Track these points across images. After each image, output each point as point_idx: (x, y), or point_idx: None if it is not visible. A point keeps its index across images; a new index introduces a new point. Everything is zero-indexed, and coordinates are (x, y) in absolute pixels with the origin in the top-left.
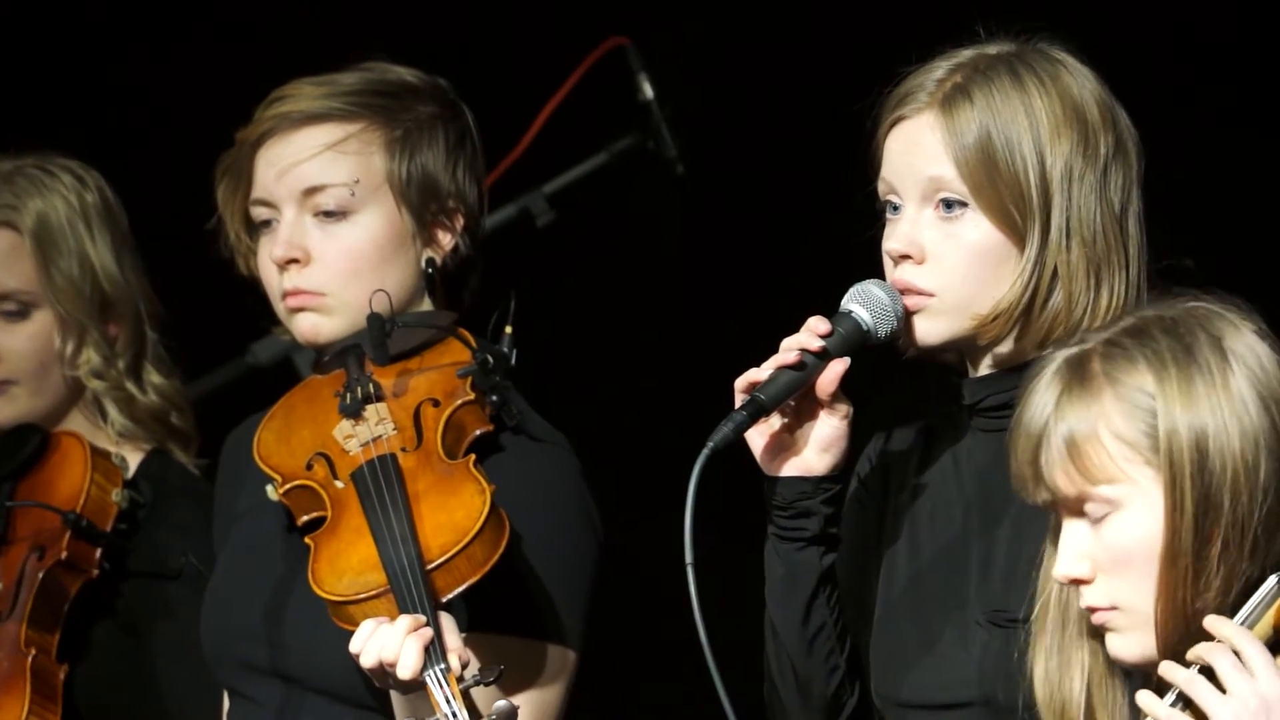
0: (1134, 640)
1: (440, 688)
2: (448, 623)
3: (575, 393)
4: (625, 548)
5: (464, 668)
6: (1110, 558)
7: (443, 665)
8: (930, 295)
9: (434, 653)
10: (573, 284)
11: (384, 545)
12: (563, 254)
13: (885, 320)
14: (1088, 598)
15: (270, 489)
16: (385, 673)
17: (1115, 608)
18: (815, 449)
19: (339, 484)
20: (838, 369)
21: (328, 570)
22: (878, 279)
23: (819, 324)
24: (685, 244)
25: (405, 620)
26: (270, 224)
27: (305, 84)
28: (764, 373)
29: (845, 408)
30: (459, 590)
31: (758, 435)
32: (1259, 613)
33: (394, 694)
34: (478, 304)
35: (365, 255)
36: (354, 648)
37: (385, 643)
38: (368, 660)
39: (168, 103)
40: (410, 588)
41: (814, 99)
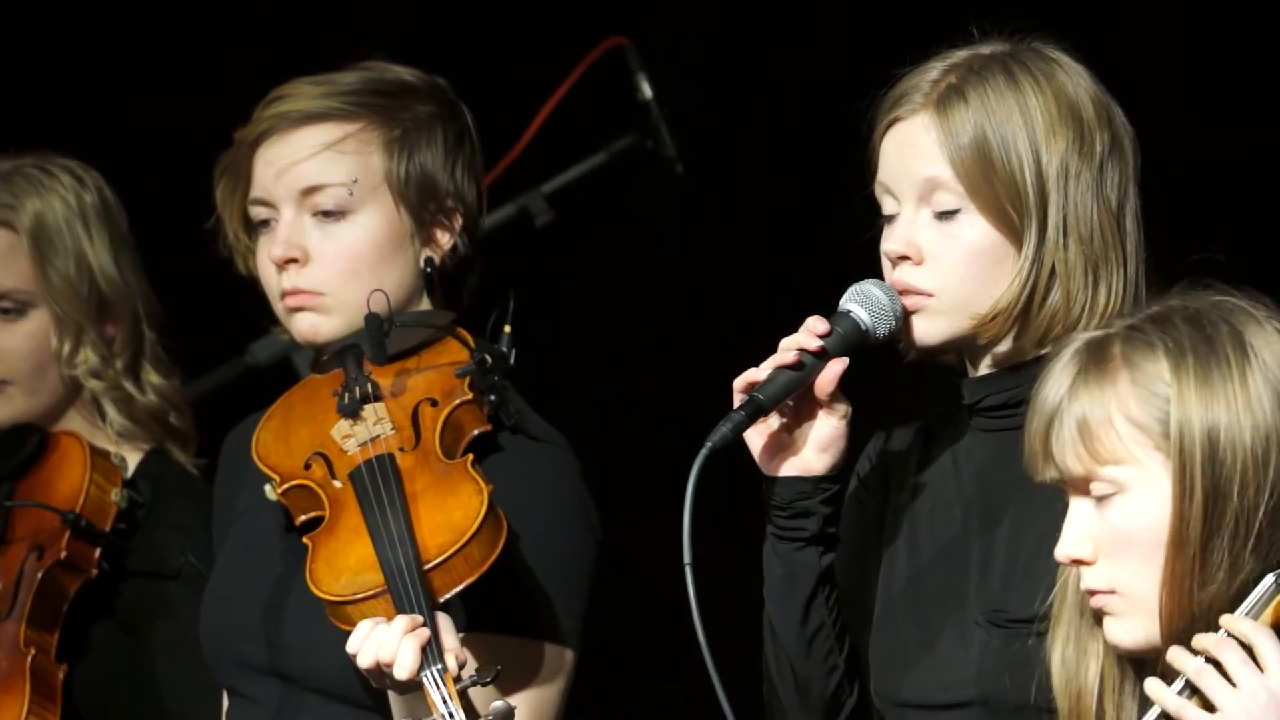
0: (1130, 625)
1: (437, 688)
2: (445, 623)
3: (574, 393)
4: (624, 547)
5: (461, 668)
6: (1112, 540)
7: (440, 665)
8: (929, 295)
9: (431, 653)
10: (571, 284)
11: (381, 545)
12: (561, 254)
13: (884, 320)
14: (1088, 580)
15: (268, 488)
16: (382, 673)
17: (1114, 591)
18: (814, 449)
19: (337, 484)
20: (836, 369)
21: (325, 570)
22: (876, 279)
23: (817, 324)
24: (684, 244)
25: (402, 620)
26: (269, 223)
27: (304, 83)
28: (762, 372)
29: (844, 407)
30: (456, 590)
31: (756, 435)
32: (1258, 610)
33: (391, 694)
34: (476, 304)
35: (364, 255)
36: (351, 648)
37: (382, 643)
38: (365, 660)
39: (167, 102)
40: (407, 588)
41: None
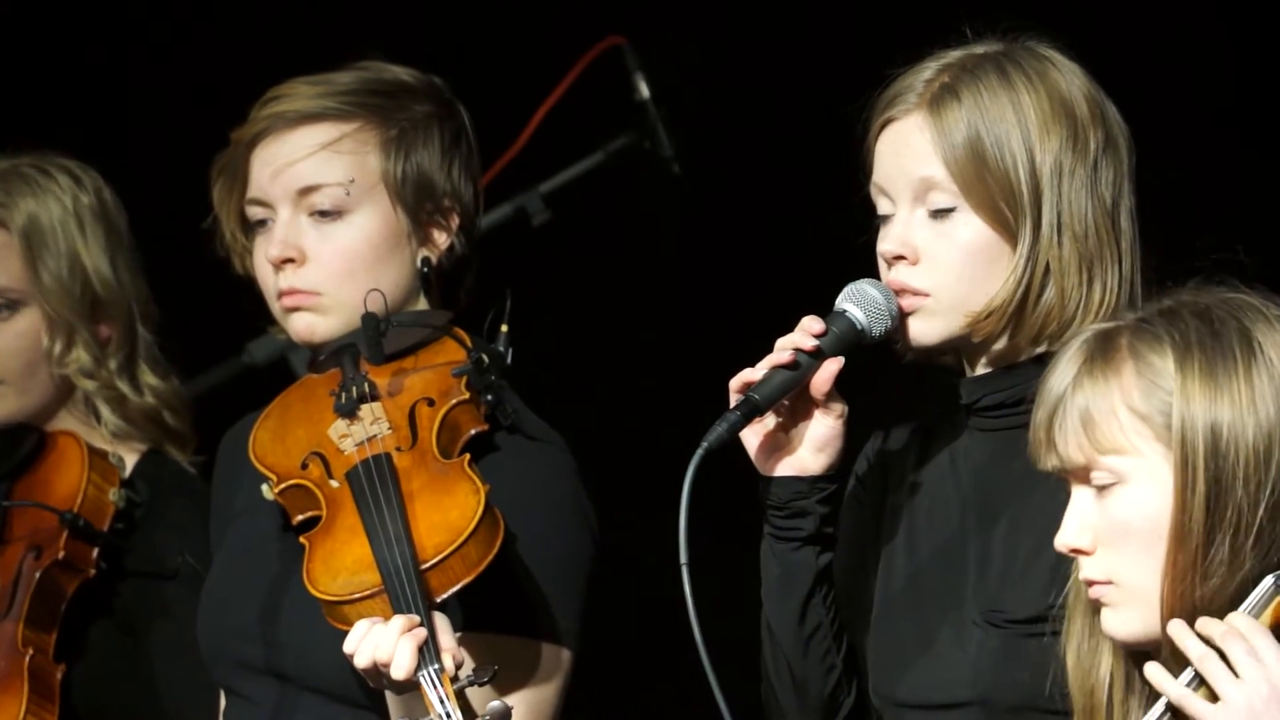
0: (1127, 616)
1: (434, 688)
2: (442, 623)
3: (571, 392)
4: (621, 547)
5: (458, 668)
6: (1111, 530)
7: (437, 665)
8: (925, 295)
9: (428, 653)
10: (568, 284)
11: (378, 545)
12: (559, 253)
13: (879, 319)
14: (1086, 570)
15: (265, 488)
16: (379, 673)
17: (1111, 582)
18: (810, 448)
19: (334, 483)
20: (832, 368)
21: (322, 570)
22: (873, 278)
23: (813, 323)
24: (681, 244)
25: (399, 620)
26: (266, 223)
27: (300, 83)
28: (758, 372)
29: (840, 407)
30: (453, 590)
31: (752, 435)
32: (1257, 610)
33: (388, 694)
34: (473, 303)
35: (360, 255)
36: (348, 648)
37: (379, 643)
38: (362, 660)
39: (165, 102)
40: (404, 587)
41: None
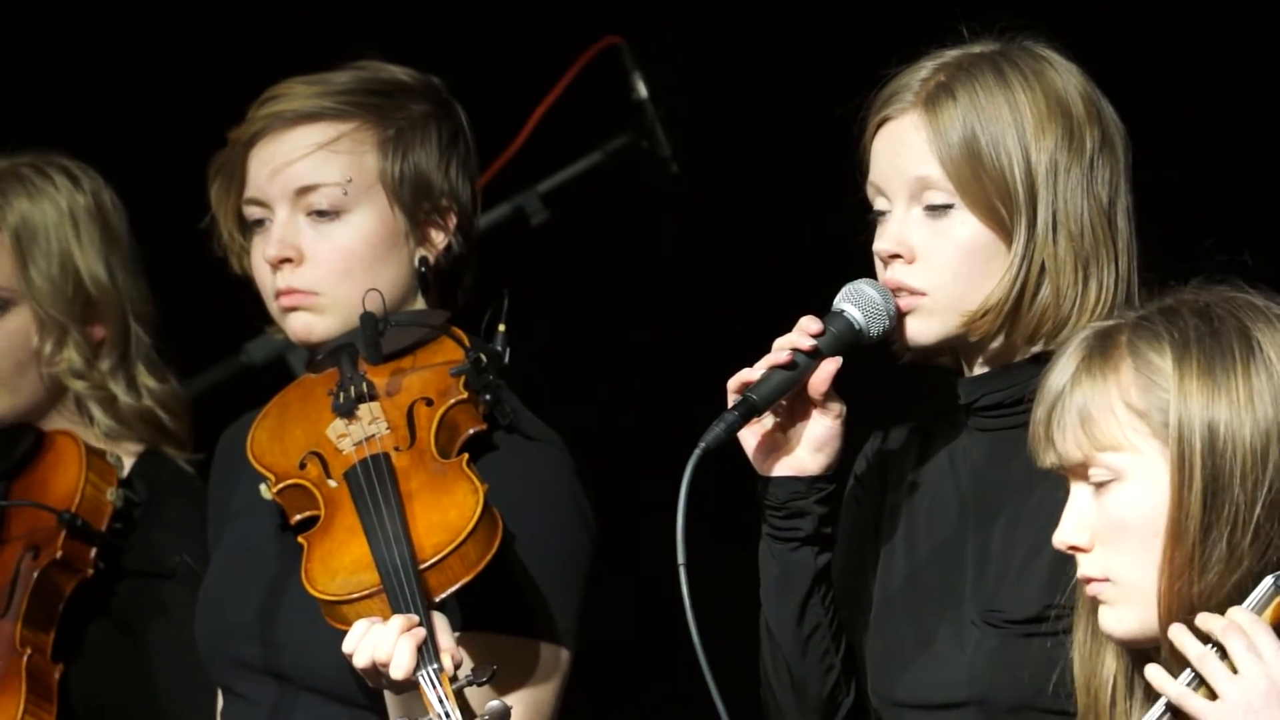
0: (1123, 614)
1: (433, 688)
2: (441, 622)
3: (569, 392)
4: (619, 547)
5: (457, 667)
6: (1108, 527)
7: (436, 665)
8: (922, 294)
9: (427, 652)
10: (567, 283)
11: (377, 545)
12: (557, 253)
13: (877, 319)
14: (1083, 567)
15: (264, 488)
16: (378, 673)
17: (1108, 579)
18: (808, 449)
19: (332, 483)
20: (830, 368)
21: (321, 570)
22: (870, 278)
23: (811, 323)
24: (679, 243)
25: (398, 620)
26: (263, 223)
27: (298, 83)
28: (756, 372)
29: (838, 407)
30: (452, 590)
31: (750, 435)
32: (1258, 610)
33: (387, 694)
34: (471, 303)
35: (358, 254)
36: (347, 647)
37: (378, 642)
38: (361, 660)
39: (162, 102)
40: (403, 587)
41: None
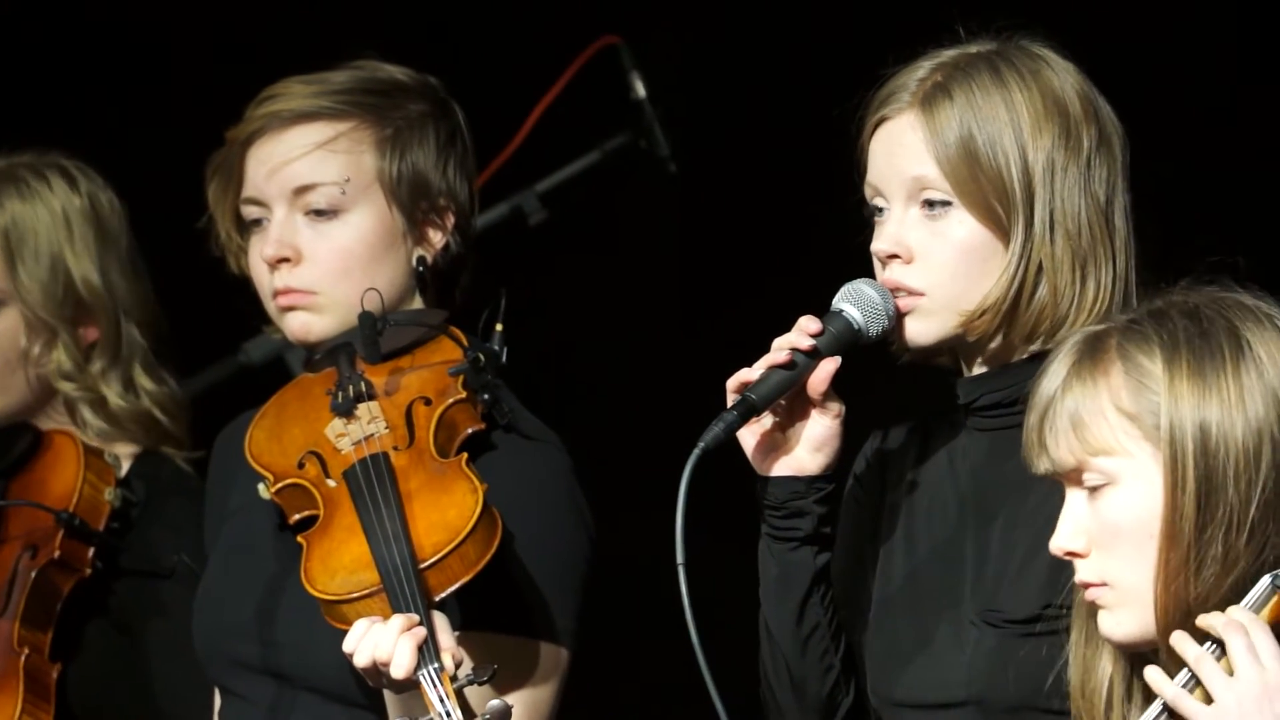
0: (1122, 618)
1: (434, 687)
2: (441, 622)
3: (568, 392)
4: (617, 547)
5: (458, 667)
6: (1104, 532)
7: (436, 664)
8: (921, 295)
9: (427, 652)
10: (565, 283)
11: (376, 544)
12: (555, 253)
13: (876, 319)
14: (1081, 573)
15: (262, 487)
16: (379, 672)
17: (1106, 584)
18: (807, 448)
19: (331, 483)
20: (829, 368)
21: (320, 569)
22: (869, 278)
23: (810, 323)
24: (678, 243)
25: (398, 619)
26: (261, 223)
27: (295, 83)
28: (755, 372)
29: (837, 407)
30: (452, 589)
31: (749, 435)
32: (1255, 609)
33: (387, 693)
34: (469, 302)
35: (356, 254)
36: (347, 647)
37: (379, 642)
38: (361, 659)
39: (160, 102)
40: (403, 586)
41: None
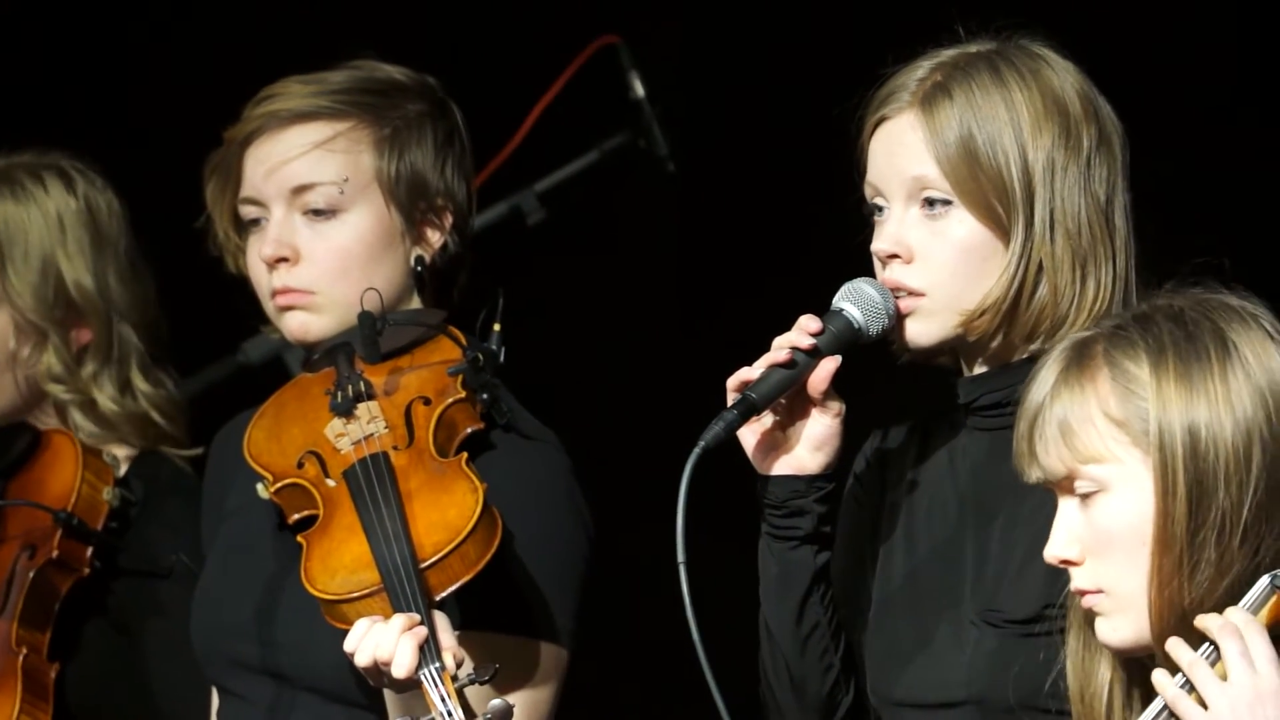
0: (1120, 625)
1: (435, 686)
2: (442, 621)
3: (567, 391)
4: (618, 547)
5: (459, 666)
6: (1096, 539)
7: (438, 664)
8: (921, 295)
9: (429, 651)
10: (564, 282)
11: (377, 543)
12: (554, 252)
13: (877, 318)
14: (1076, 580)
15: (261, 487)
16: (380, 671)
17: (1101, 591)
18: (808, 447)
19: (330, 482)
20: (829, 367)
21: (320, 569)
22: (869, 277)
23: (810, 322)
24: (677, 242)
25: (400, 619)
26: (259, 223)
27: (293, 82)
28: (755, 371)
29: (837, 406)
30: (452, 589)
31: (750, 434)
32: (1254, 609)
33: (388, 693)
34: (467, 302)
35: (354, 254)
36: (349, 646)
37: (380, 641)
38: (362, 659)
39: (159, 101)
40: (404, 586)
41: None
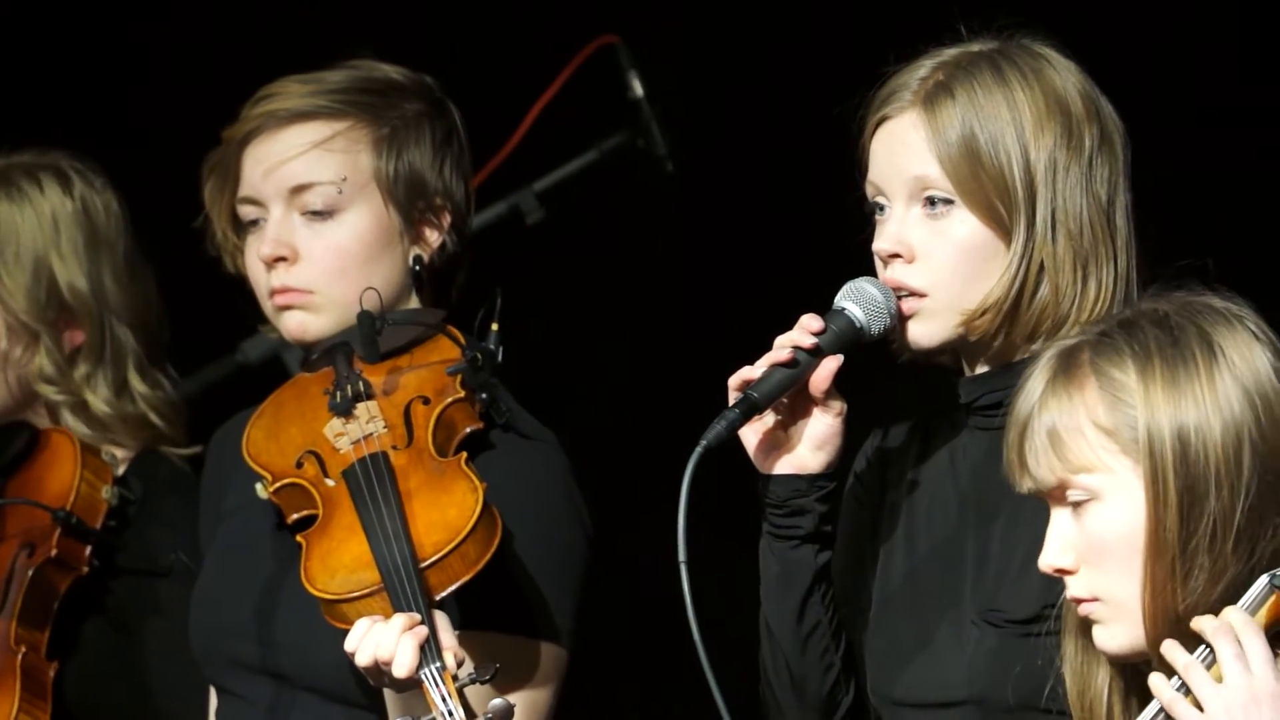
0: (1117, 632)
1: (436, 686)
2: (442, 621)
3: (568, 391)
4: (619, 546)
5: (459, 666)
6: (1090, 548)
7: (438, 663)
8: (923, 296)
9: (429, 651)
10: (563, 282)
11: (377, 543)
12: (553, 252)
13: (878, 317)
14: (1072, 589)
15: (260, 487)
16: (380, 671)
17: (1097, 599)
18: (809, 446)
19: (330, 482)
20: (831, 366)
21: (320, 568)
22: (871, 276)
23: (812, 321)
24: (676, 242)
25: (400, 618)
26: (258, 222)
27: (292, 82)
28: (757, 370)
29: (839, 405)
30: (452, 588)
31: (751, 433)
32: (1252, 610)
33: (388, 692)
34: (466, 301)
35: (352, 253)
36: (349, 646)
37: (380, 641)
38: (363, 659)
39: (159, 101)
40: (404, 586)
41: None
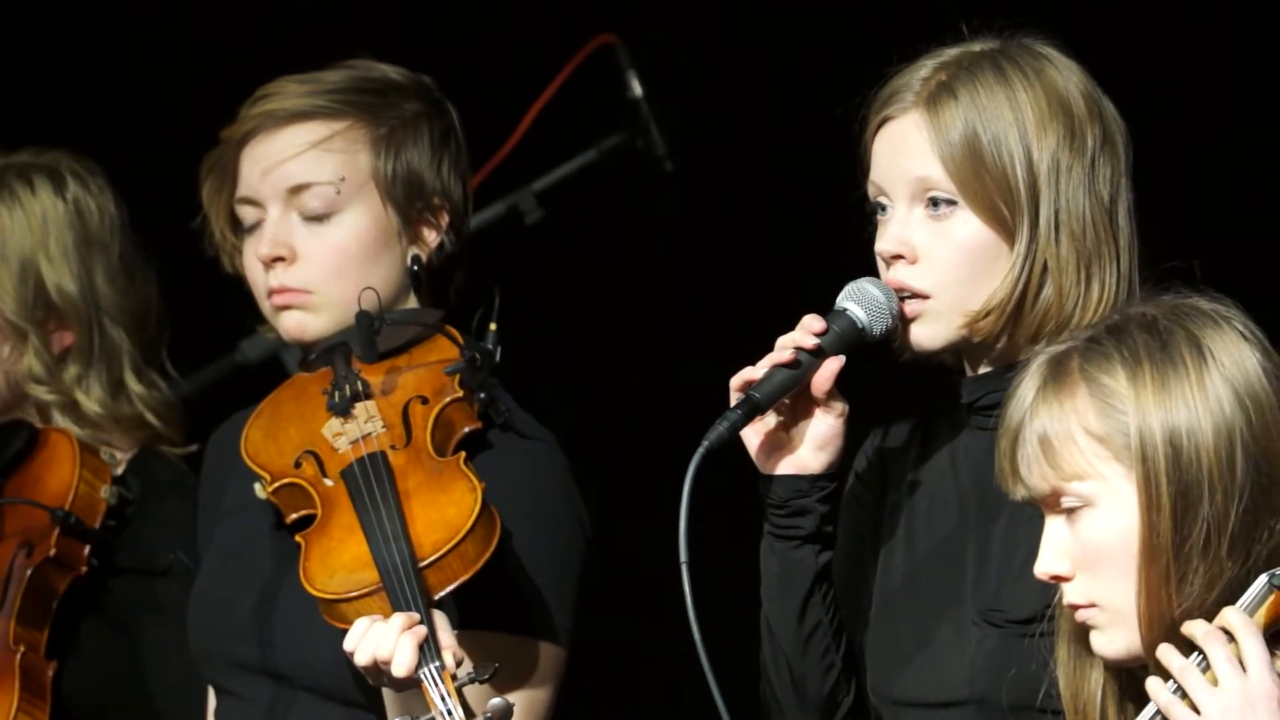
0: (1115, 637)
1: (435, 685)
2: (441, 620)
3: (567, 391)
4: (621, 546)
5: (458, 665)
6: (1086, 555)
7: (437, 663)
8: (926, 297)
9: (429, 650)
10: (562, 282)
11: (376, 543)
12: (552, 252)
13: (880, 318)
14: (1068, 595)
15: (258, 487)
16: (380, 671)
17: (1094, 605)
18: (811, 447)
19: (328, 482)
20: (833, 367)
21: (319, 568)
22: (873, 277)
23: (814, 322)
24: (675, 241)
25: (399, 618)
26: (256, 222)
27: (290, 82)
28: (759, 371)
29: (841, 406)
30: (451, 588)
31: (753, 434)
32: (1251, 610)
33: (387, 692)
34: (465, 301)
35: (351, 253)
36: (348, 646)
37: (380, 640)
38: (362, 658)
39: (157, 101)
40: (403, 585)
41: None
